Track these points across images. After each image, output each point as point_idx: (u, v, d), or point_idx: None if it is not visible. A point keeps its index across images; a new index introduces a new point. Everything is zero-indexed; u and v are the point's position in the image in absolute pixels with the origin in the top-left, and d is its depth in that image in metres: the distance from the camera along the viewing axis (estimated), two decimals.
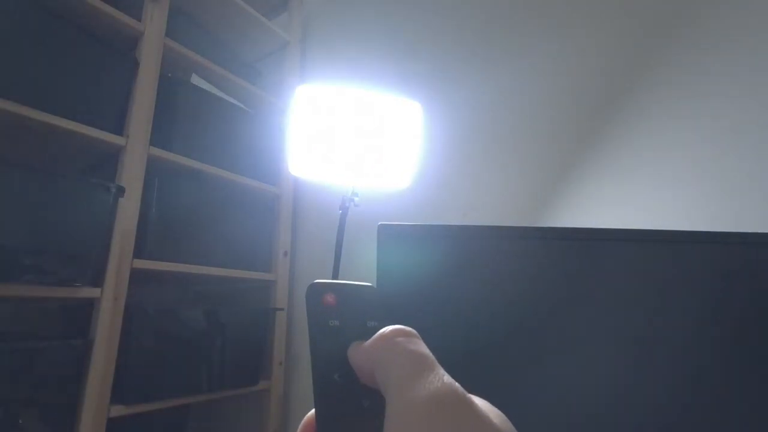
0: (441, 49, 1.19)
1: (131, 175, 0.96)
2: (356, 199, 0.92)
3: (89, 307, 0.88)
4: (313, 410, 0.23)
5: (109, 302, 0.88)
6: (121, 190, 0.89)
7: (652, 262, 0.51)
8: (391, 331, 0.21)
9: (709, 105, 0.79)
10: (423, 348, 0.20)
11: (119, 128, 0.97)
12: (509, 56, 1.06)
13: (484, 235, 0.54)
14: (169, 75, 1.07)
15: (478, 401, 0.19)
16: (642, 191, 0.84)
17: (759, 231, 0.50)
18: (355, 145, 0.84)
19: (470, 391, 0.19)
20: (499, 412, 0.20)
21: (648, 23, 0.89)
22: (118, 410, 0.87)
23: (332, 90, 0.83)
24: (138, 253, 0.95)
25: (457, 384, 0.18)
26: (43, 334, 0.92)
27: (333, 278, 0.90)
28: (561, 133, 0.96)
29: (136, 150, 0.98)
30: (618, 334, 0.49)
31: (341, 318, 0.25)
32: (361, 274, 0.92)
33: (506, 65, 1.06)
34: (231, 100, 1.24)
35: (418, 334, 0.21)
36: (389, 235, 0.55)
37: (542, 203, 0.95)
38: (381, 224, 0.56)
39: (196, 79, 1.16)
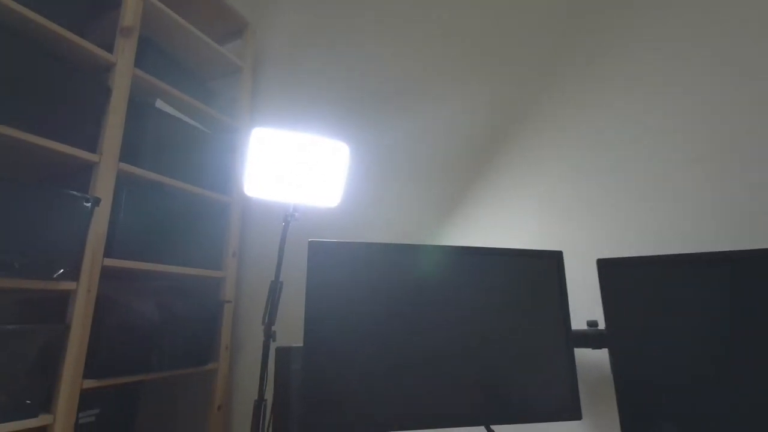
0: (367, 98, 1.47)
1: (103, 187, 1.14)
2: (296, 214, 1.17)
3: (65, 298, 1.05)
4: None
5: (84, 294, 1.06)
6: (97, 201, 1.07)
7: (472, 272, 0.82)
8: None
9: (563, 154, 1.15)
10: None
11: (93, 146, 1.15)
12: (420, 108, 1.37)
13: (407, 253, 0.82)
14: (137, 100, 1.25)
15: None
16: (512, 217, 1.17)
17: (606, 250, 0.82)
18: (296, 174, 1.10)
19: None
20: None
21: (523, 85, 1.23)
22: (90, 383, 1.06)
23: (280, 133, 1.07)
24: (108, 253, 1.13)
25: None
26: (28, 321, 1.08)
27: (276, 276, 1.14)
28: (457, 169, 1.28)
29: (108, 165, 1.15)
30: (451, 326, 0.79)
31: None
32: (298, 271, 1.23)
33: (418, 115, 1.37)
34: (190, 121, 1.43)
35: None
36: (317, 249, 0.82)
37: (441, 224, 1.26)
38: (311, 241, 0.83)
39: (160, 104, 1.34)
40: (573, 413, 0.81)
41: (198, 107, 1.47)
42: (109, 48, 1.21)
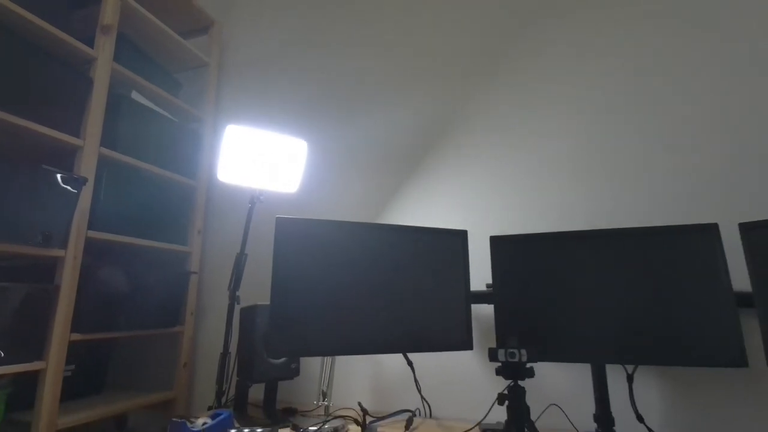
0: (325, 97, 1.71)
1: (87, 168, 1.29)
2: (261, 197, 1.40)
3: (55, 264, 1.21)
4: None
5: (71, 260, 1.23)
6: (84, 180, 1.23)
7: (391, 244, 1.11)
8: None
9: (479, 154, 1.46)
10: None
11: (77, 132, 1.30)
12: (372, 110, 1.64)
13: (349, 228, 1.09)
14: (117, 92, 1.41)
15: None
16: (439, 201, 1.48)
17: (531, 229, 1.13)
18: (261, 164, 1.33)
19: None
20: None
21: (451, 95, 1.53)
22: (76, 336, 1.23)
23: (249, 130, 1.30)
24: (90, 226, 1.29)
25: None
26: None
27: (241, 249, 1.37)
28: (400, 161, 1.56)
29: (90, 149, 1.31)
30: (390, 292, 1.08)
31: None
32: (259, 246, 1.51)
33: (369, 115, 1.63)
34: (161, 111, 1.59)
35: None
36: (284, 225, 1.06)
37: (387, 205, 1.55)
38: (278, 217, 1.07)
39: (135, 95, 1.49)
40: (467, 345, 1.13)
41: (168, 99, 1.63)
42: (90, 43, 1.35)
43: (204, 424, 1.04)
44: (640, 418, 1.10)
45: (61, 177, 1.19)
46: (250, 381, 1.25)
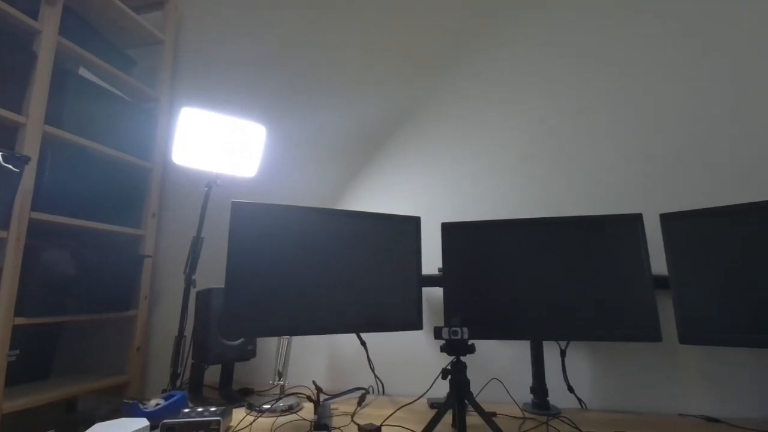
0: (285, 84, 1.71)
1: (30, 146, 1.24)
2: (218, 181, 1.39)
3: None
4: None
5: (13, 242, 1.18)
6: (27, 159, 1.18)
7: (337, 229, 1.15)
8: None
9: (432, 145, 1.52)
10: None
11: (19, 108, 1.24)
12: (332, 98, 1.65)
13: (305, 213, 1.11)
14: (61, 66, 1.34)
15: None
16: (395, 188, 1.53)
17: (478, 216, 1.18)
18: (219, 148, 1.32)
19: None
20: None
21: (408, 88, 1.57)
22: (20, 320, 1.19)
23: (207, 113, 1.28)
24: (35, 207, 1.25)
25: None
26: None
27: (198, 233, 1.36)
28: (358, 149, 1.59)
29: (33, 127, 1.25)
30: (341, 275, 1.12)
31: None
32: (216, 229, 1.50)
33: (329, 103, 1.65)
34: (112, 89, 1.53)
35: None
36: (240, 209, 1.07)
37: (345, 192, 1.58)
38: (234, 201, 1.08)
39: (83, 71, 1.43)
40: (417, 325, 1.20)
41: (119, 76, 1.57)
42: (34, 15, 1.28)
43: (157, 404, 1.05)
44: (570, 389, 1.21)
45: (2, 155, 1.14)
46: (206, 363, 1.26)
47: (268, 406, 1.11)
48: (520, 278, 1.17)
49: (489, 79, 1.51)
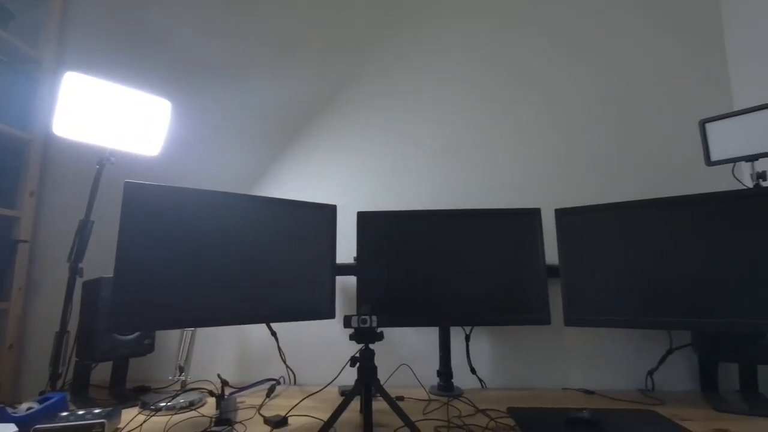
0: (197, 57, 1.57)
1: None
2: (112, 158, 1.24)
3: None
4: None
5: None
6: None
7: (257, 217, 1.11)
8: None
9: (352, 134, 1.50)
10: None
11: None
12: (250, 77, 1.56)
13: (210, 197, 1.03)
14: None
15: None
16: (314, 175, 1.49)
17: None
18: (114, 121, 1.18)
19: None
20: None
21: (332, 73, 1.54)
22: None
23: (99, 81, 1.14)
24: None
25: None
26: None
27: (86, 215, 1.21)
28: (276, 133, 1.52)
29: None
30: (253, 260, 1.07)
31: None
32: (114, 215, 1.33)
33: (246, 83, 1.55)
34: None
35: None
36: (134, 190, 0.97)
37: (260, 176, 1.50)
38: (127, 182, 0.98)
39: None
40: (330, 314, 1.19)
41: None
42: None
43: (29, 408, 0.93)
44: (473, 371, 1.30)
45: None
46: (92, 360, 1.14)
47: (165, 404, 1.03)
48: (430, 268, 1.21)
49: (412, 73, 1.53)
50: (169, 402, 1.04)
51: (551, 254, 1.27)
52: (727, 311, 1.00)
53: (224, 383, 1.12)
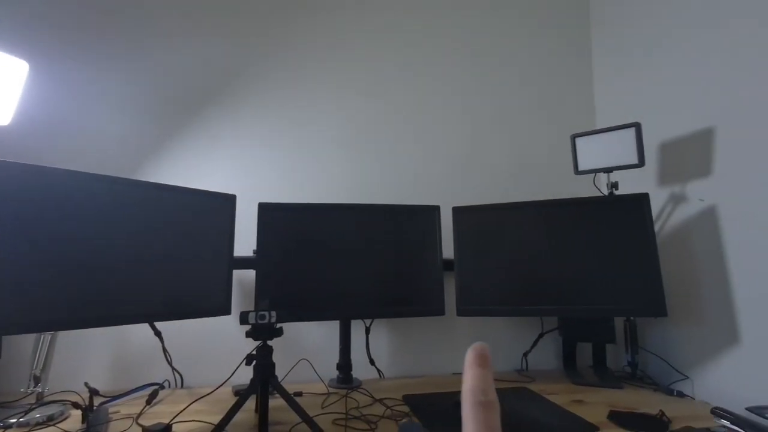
0: (72, 14, 1.35)
1: None
2: None
3: None
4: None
5: None
6: None
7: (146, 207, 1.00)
8: (471, 389, 0.20)
9: (256, 123, 1.41)
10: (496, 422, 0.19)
11: None
12: (141, 39, 1.37)
13: (78, 178, 0.87)
14: None
15: None
16: (216, 162, 1.37)
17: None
18: None
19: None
20: None
21: (239, 51, 1.43)
22: None
23: None
24: None
25: None
26: None
27: None
28: (171, 111, 1.37)
29: None
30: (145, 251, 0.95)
31: None
32: None
33: (135, 45, 1.37)
34: None
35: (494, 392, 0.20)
36: None
37: (149, 157, 1.34)
38: None
39: None
40: (225, 310, 1.12)
41: None
42: None
43: None
44: (372, 362, 1.33)
45: None
46: None
47: (16, 420, 0.88)
48: (331, 261, 1.21)
49: (317, 64, 1.50)
50: (22, 418, 0.89)
51: (447, 249, 1.35)
52: (584, 300, 1.18)
53: (93, 392, 0.99)
